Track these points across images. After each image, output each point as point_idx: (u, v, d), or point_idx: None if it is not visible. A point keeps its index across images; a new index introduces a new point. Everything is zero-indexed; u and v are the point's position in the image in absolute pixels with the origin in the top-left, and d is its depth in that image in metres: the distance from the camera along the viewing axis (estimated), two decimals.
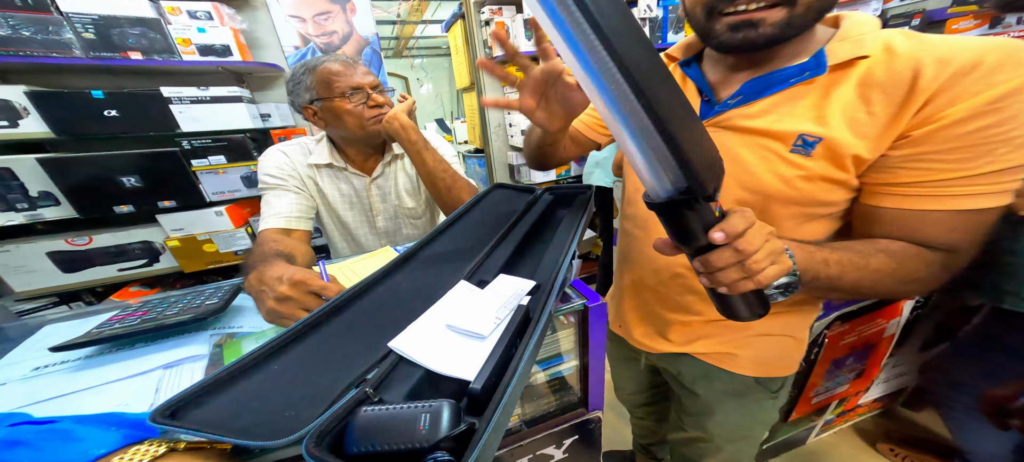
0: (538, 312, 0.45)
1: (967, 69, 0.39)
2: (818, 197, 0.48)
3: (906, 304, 0.93)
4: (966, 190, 0.41)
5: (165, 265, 1.52)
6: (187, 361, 0.48)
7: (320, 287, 0.51)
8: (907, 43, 0.43)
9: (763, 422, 0.72)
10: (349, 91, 0.82)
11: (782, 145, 0.48)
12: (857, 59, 0.44)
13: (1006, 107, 0.37)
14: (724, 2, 0.43)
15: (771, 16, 0.42)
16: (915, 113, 0.41)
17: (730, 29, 0.44)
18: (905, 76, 0.41)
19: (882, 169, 0.44)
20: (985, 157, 0.39)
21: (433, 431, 0.29)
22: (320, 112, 0.84)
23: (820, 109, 0.45)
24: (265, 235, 0.79)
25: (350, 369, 0.39)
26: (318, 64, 0.83)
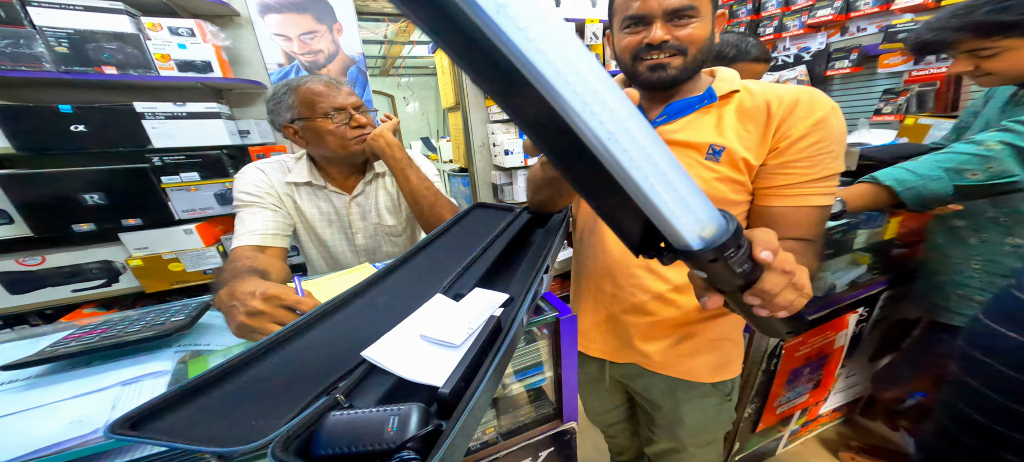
0: (509, 323, 0.47)
1: (794, 104, 0.58)
2: (727, 197, 0.63)
3: (851, 318, 1.01)
4: (815, 190, 0.58)
5: (125, 285, 1.44)
6: (148, 377, 0.46)
7: (294, 301, 0.51)
8: (756, 87, 0.63)
9: (724, 423, 0.82)
10: (332, 111, 0.83)
11: (698, 153, 0.63)
12: (733, 93, 0.64)
13: (823, 128, 0.56)
14: (643, 53, 0.60)
15: (673, 62, 0.60)
16: (774, 132, 0.59)
17: (649, 70, 0.61)
18: (763, 106, 0.60)
19: (765, 175, 0.61)
20: (819, 165, 0.57)
21: (401, 432, 0.30)
22: (301, 131, 0.85)
23: (719, 126, 0.63)
24: (238, 252, 0.78)
25: (322, 378, 0.39)
26: (300, 84, 0.84)
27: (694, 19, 0.57)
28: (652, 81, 0.61)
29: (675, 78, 0.60)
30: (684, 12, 0.56)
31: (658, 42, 0.57)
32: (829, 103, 0.59)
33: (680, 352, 0.74)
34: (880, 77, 1.76)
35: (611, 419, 0.97)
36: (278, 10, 1.76)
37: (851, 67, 1.80)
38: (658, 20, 0.57)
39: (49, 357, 0.46)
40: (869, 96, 1.81)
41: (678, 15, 0.57)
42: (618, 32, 0.62)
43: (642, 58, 0.60)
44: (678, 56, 0.59)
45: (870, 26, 1.76)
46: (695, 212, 0.29)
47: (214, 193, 1.50)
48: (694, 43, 0.58)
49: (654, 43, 0.58)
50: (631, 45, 0.60)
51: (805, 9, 1.97)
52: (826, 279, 0.98)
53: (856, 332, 1.07)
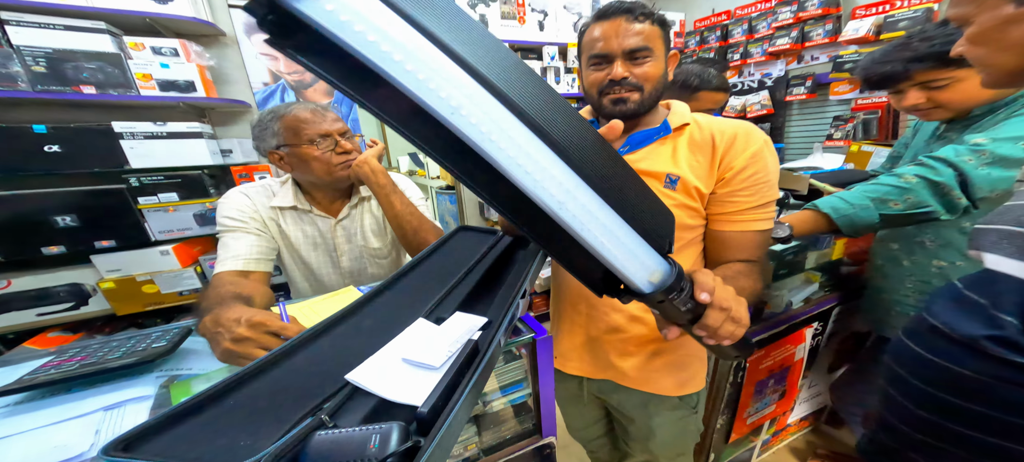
0: (486, 345, 0.50)
1: (734, 138, 0.66)
2: (684, 221, 0.69)
3: (807, 332, 1.09)
4: (757, 216, 0.67)
5: (94, 308, 1.40)
6: (130, 402, 0.47)
7: (279, 327, 0.53)
8: (703, 120, 0.71)
9: (692, 435, 0.87)
10: (317, 138, 0.85)
11: (657, 182, 0.69)
12: (684, 125, 0.71)
13: (759, 160, 0.65)
14: (607, 88, 0.68)
15: (631, 97, 0.67)
16: (719, 164, 0.66)
17: (611, 103, 0.68)
18: (709, 139, 0.68)
19: (716, 203, 0.69)
20: (758, 194, 0.65)
21: (383, 449, 0.33)
22: (286, 157, 0.86)
23: (674, 157, 0.70)
24: (222, 277, 0.78)
25: (308, 400, 0.41)
26: (286, 111, 0.86)
27: (649, 59, 0.66)
28: (614, 113, 0.68)
29: (635, 111, 0.68)
30: (640, 52, 0.65)
31: (619, 78, 0.65)
32: (762, 137, 0.67)
33: (651, 368, 0.79)
34: (831, 104, 1.92)
35: (592, 434, 1.00)
36: None
37: (806, 93, 1.96)
38: (619, 59, 0.65)
39: (29, 385, 0.46)
40: (822, 121, 1.97)
41: (635, 55, 0.65)
42: (586, 69, 0.71)
43: (606, 92, 0.68)
44: (636, 92, 0.67)
45: (822, 56, 1.93)
46: (642, 261, 0.35)
47: (193, 213, 1.48)
48: (649, 80, 0.66)
49: (616, 79, 0.66)
50: (597, 80, 0.68)
51: (766, 38, 2.14)
52: (783, 297, 1.06)
53: (813, 345, 1.15)
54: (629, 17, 0.64)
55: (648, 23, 0.65)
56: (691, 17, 2.58)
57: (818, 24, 1.87)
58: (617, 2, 0.65)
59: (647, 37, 0.64)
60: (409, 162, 4.73)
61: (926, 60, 0.80)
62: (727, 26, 2.36)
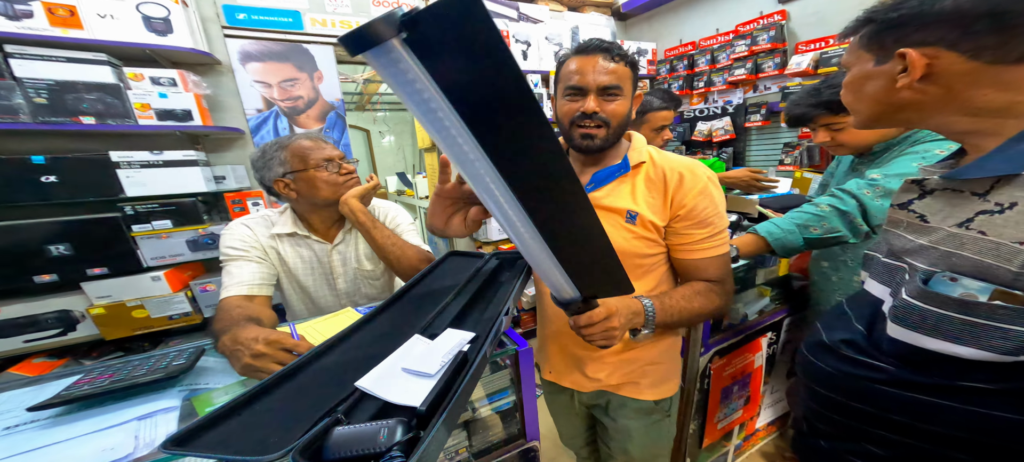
0: (474, 356, 0.59)
1: (681, 178, 0.75)
2: (644, 251, 0.78)
3: (763, 341, 1.21)
4: (713, 243, 0.76)
5: (82, 333, 1.40)
6: (161, 413, 0.53)
7: (293, 345, 0.60)
8: (657, 156, 0.79)
9: (666, 439, 0.96)
10: (323, 162, 0.95)
11: (619, 217, 0.77)
12: (641, 163, 0.78)
13: (706, 195, 0.74)
14: (579, 120, 0.74)
15: (598, 133, 0.75)
16: (671, 202, 0.75)
17: (581, 137, 0.76)
18: (661, 177, 0.76)
19: (675, 234, 0.78)
20: (710, 225, 0.75)
21: (390, 439, 0.41)
22: (293, 183, 0.94)
23: (633, 194, 0.78)
24: (229, 302, 0.84)
25: (324, 403, 0.49)
26: (289, 142, 0.95)
27: (618, 97, 0.73)
28: (582, 147, 0.76)
29: (600, 147, 0.76)
30: (612, 90, 0.72)
31: (590, 111, 0.72)
32: (705, 174, 0.76)
33: (629, 376, 0.88)
34: (783, 131, 2.12)
35: (580, 443, 1.09)
36: (259, 59, 1.84)
37: (762, 121, 2.16)
38: (592, 93, 0.72)
39: (70, 398, 0.52)
40: (776, 147, 2.17)
41: (607, 92, 0.72)
42: (561, 99, 0.77)
43: (578, 125, 0.74)
44: (603, 128, 0.74)
45: (773, 86, 2.14)
46: (559, 285, 0.50)
47: (186, 240, 1.52)
48: (616, 117, 0.74)
49: (587, 111, 0.72)
50: (570, 112, 0.74)
51: (726, 68, 2.35)
52: (739, 310, 1.18)
53: (769, 354, 1.27)
54: (606, 56, 0.71)
55: (622, 64, 0.72)
56: (662, 46, 2.80)
57: (768, 57, 2.08)
58: (597, 40, 0.73)
59: (619, 77, 0.71)
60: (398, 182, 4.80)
61: (824, 107, 0.96)
62: (693, 56, 2.58)
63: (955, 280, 0.44)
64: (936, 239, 0.47)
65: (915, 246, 0.50)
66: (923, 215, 0.50)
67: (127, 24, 1.40)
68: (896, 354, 0.51)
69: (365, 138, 5.90)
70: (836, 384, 0.58)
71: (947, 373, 0.46)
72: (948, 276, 0.45)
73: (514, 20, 2.34)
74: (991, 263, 0.42)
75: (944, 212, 0.48)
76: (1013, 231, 0.41)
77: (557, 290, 0.51)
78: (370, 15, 2.09)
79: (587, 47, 0.73)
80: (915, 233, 0.50)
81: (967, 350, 0.43)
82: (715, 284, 0.77)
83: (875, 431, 0.54)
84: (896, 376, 0.50)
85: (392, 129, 6.05)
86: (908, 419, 0.50)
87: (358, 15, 2.06)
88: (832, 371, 0.58)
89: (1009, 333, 0.41)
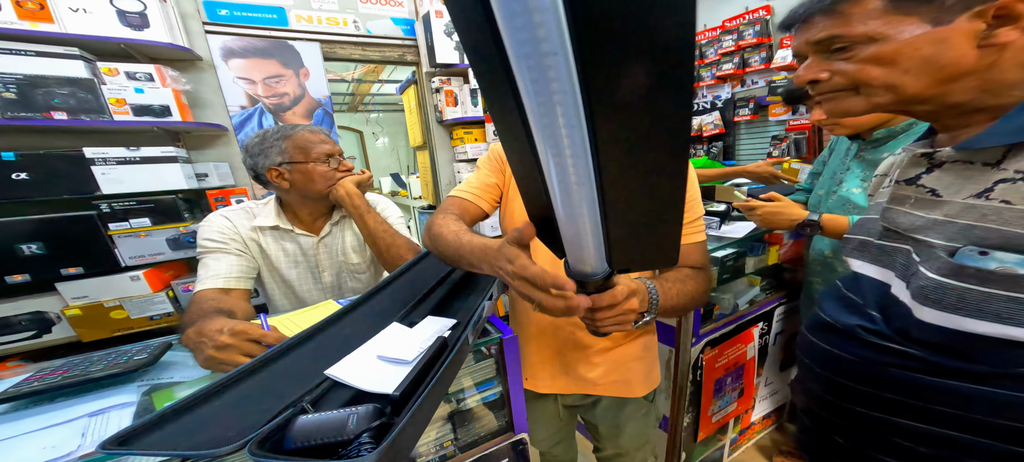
0: (454, 342, 0.56)
1: None
2: None
3: (755, 331, 1.20)
4: (694, 229, 0.76)
5: (58, 335, 1.35)
6: (114, 409, 0.50)
7: (260, 335, 0.57)
8: None
9: (653, 422, 0.97)
10: (323, 156, 0.94)
11: None
12: None
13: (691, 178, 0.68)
14: None
15: None
16: None
17: None
18: None
19: None
20: (691, 210, 0.76)
21: (359, 426, 0.38)
22: (289, 173, 0.92)
23: None
24: (203, 294, 0.81)
25: (290, 394, 0.46)
26: (294, 132, 0.94)
27: None
28: None
29: None
30: None
31: None
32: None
33: (618, 374, 0.86)
34: (771, 125, 2.13)
35: (554, 441, 1.05)
36: (242, 55, 1.80)
37: (750, 115, 2.16)
38: None
39: (15, 395, 0.48)
40: (765, 140, 2.18)
41: None
42: None
43: None
44: None
45: (760, 80, 2.15)
46: (587, 256, 0.40)
47: (166, 238, 1.47)
48: None
49: None
50: None
51: (714, 63, 2.36)
52: (730, 300, 1.17)
53: (761, 344, 1.26)
54: None
55: None
56: None
57: (755, 52, 2.09)
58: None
59: None
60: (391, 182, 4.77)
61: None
62: None
63: (986, 253, 0.41)
64: (952, 212, 0.44)
65: (926, 222, 0.47)
66: (934, 189, 0.47)
67: (100, 18, 1.36)
68: (930, 341, 0.46)
69: (358, 139, 5.85)
70: (860, 373, 0.53)
71: (1000, 359, 0.42)
72: (976, 250, 0.41)
73: None
74: (1022, 232, 0.39)
75: (957, 185, 0.45)
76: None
77: (581, 261, 0.41)
78: (358, 12, 2.06)
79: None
80: (926, 209, 0.47)
81: (1021, 331, 0.39)
82: (699, 270, 0.76)
83: (910, 424, 0.49)
84: (937, 364, 0.46)
85: (386, 130, 6.01)
86: (954, 409, 0.46)
87: (345, 12, 2.03)
88: (855, 359, 0.53)
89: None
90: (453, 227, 0.67)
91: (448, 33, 2.12)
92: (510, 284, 0.49)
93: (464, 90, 2.25)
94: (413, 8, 2.20)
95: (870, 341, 0.52)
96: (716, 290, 1.16)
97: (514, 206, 0.82)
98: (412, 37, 2.22)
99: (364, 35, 2.10)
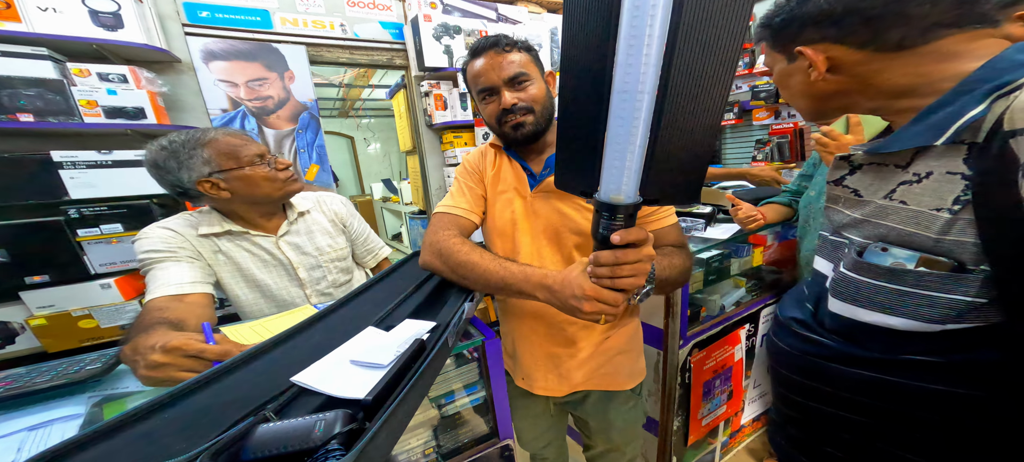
0: (433, 343, 0.53)
1: None
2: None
3: (741, 332, 1.19)
4: (663, 213, 0.76)
5: (23, 346, 1.28)
6: (58, 422, 0.46)
7: (199, 349, 0.52)
8: None
9: (641, 417, 0.97)
10: (255, 158, 0.87)
11: (581, 199, 0.75)
12: None
13: None
14: (503, 116, 0.73)
15: (527, 119, 0.74)
16: None
17: (512, 129, 0.74)
18: None
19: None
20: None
21: (326, 433, 0.35)
22: (224, 183, 0.84)
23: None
24: (151, 304, 0.74)
25: (250, 403, 0.43)
26: (212, 137, 0.84)
27: (529, 83, 0.73)
28: (517, 138, 0.75)
29: (534, 132, 0.75)
30: (519, 78, 0.72)
31: (509, 105, 0.72)
32: None
33: (607, 368, 0.85)
34: (755, 129, 2.17)
35: (544, 442, 1.03)
36: (224, 57, 1.76)
37: (734, 119, 2.20)
38: (503, 88, 0.71)
39: None
40: (748, 144, 2.21)
41: (516, 81, 0.72)
42: (479, 103, 0.77)
43: (504, 121, 0.74)
44: (528, 114, 0.73)
45: (743, 85, 2.19)
46: (623, 182, 0.42)
47: None
48: (537, 101, 0.74)
49: (507, 107, 0.72)
50: (494, 112, 0.74)
51: None
52: (717, 301, 1.17)
53: (748, 346, 1.25)
54: (497, 49, 0.71)
55: (516, 52, 0.72)
56: None
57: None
58: (483, 39, 0.73)
59: (521, 64, 0.72)
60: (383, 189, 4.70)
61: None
62: None
63: (886, 250, 0.45)
64: (868, 212, 0.48)
65: (850, 220, 0.51)
66: (856, 190, 0.51)
67: (72, 18, 1.31)
68: (838, 329, 0.51)
69: (349, 145, 5.76)
70: (790, 362, 0.57)
71: (886, 347, 0.47)
72: (879, 246, 0.46)
73: (493, 21, 2.34)
74: (913, 231, 0.43)
75: (874, 186, 0.49)
76: (929, 199, 0.42)
77: (618, 187, 0.42)
78: (344, 16, 2.04)
79: (479, 48, 0.73)
80: (851, 207, 0.51)
81: (898, 320, 0.44)
82: (678, 247, 0.76)
83: (832, 411, 0.53)
84: (840, 351, 0.51)
85: (377, 136, 5.94)
86: (853, 395, 0.50)
87: (331, 15, 2.01)
88: (788, 348, 0.58)
89: (934, 301, 0.42)
90: (481, 253, 0.70)
91: (437, 37, 2.12)
92: (577, 305, 0.55)
93: (453, 94, 2.23)
94: (402, 12, 2.19)
95: (798, 332, 0.56)
96: (702, 292, 1.16)
97: (494, 210, 0.83)
98: (400, 41, 2.20)
99: (351, 39, 2.08)
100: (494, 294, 0.79)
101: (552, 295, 0.60)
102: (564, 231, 0.77)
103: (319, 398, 0.45)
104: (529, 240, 0.79)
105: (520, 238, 0.79)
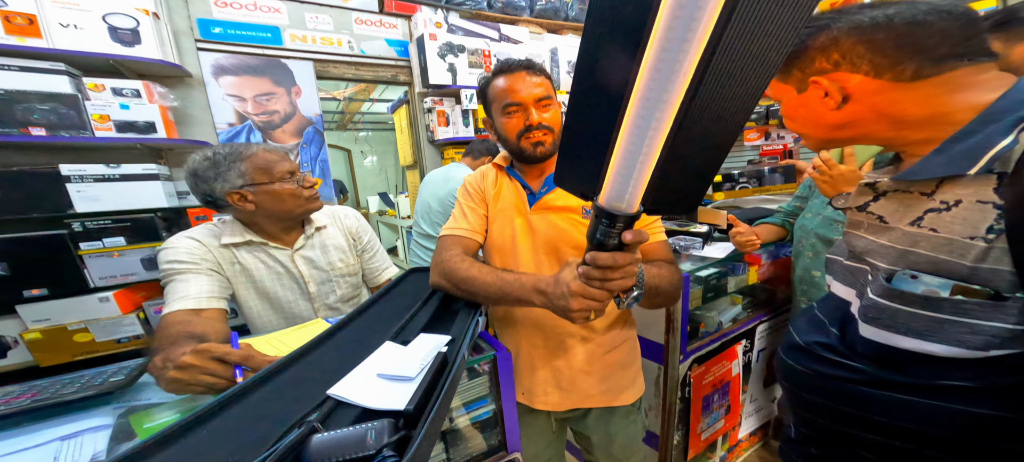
0: (454, 357, 0.56)
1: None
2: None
3: (738, 348, 1.23)
4: (660, 227, 0.82)
5: (14, 360, 1.25)
6: (88, 432, 0.47)
7: (223, 352, 0.54)
8: None
9: (640, 433, 0.98)
10: (286, 175, 0.92)
11: (576, 214, 0.80)
12: None
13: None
14: (526, 131, 0.77)
15: (546, 139, 0.78)
16: None
17: (532, 146, 0.78)
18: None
19: None
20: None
21: (379, 440, 0.38)
22: (252, 195, 0.88)
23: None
24: (172, 318, 0.75)
25: (293, 414, 0.44)
26: (251, 152, 0.90)
27: (551, 106, 0.79)
28: (535, 155, 0.79)
29: (549, 152, 0.80)
30: (544, 100, 0.77)
31: (536, 122, 0.76)
32: None
33: (608, 383, 0.87)
34: (746, 150, 2.25)
35: (545, 457, 1.04)
36: (234, 72, 1.79)
37: None
38: (532, 106, 0.76)
39: None
40: (740, 163, 2.29)
41: (541, 102, 0.77)
42: (500, 117, 0.79)
43: (525, 136, 0.78)
44: (549, 133, 0.78)
45: None
46: (625, 192, 0.41)
47: (140, 258, 1.41)
48: (556, 123, 0.79)
49: (533, 123, 0.76)
50: (516, 126, 0.78)
51: None
52: (714, 318, 1.21)
53: (745, 361, 1.29)
54: (530, 71, 0.77)
55: (543, 77, 0.78)
56: None
57: None
58: (516, 59, 0.78)
59: (546, 88, 0.78)
60: (379, 202, 4.71)
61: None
62: None
63: (916, 277, 0.45)
64: (894, 238, 0.48)
65: (876, 246, 0.51)
66: (882, 216, 0.51)
67: (91, 34, 1.34)
68: (871, 355, 0.51)
69: (346, 158, 5.78)
70: (817, 386, 0.57)
71: (924, 373, 0.46)
72: (909, 274, 0.45)
73: (495, 40, 2.42)
74: (946, 258, 0.43)
75: (899, 212, 0.48)
76: (961, 227, 0.42)
77: (620, 195, 0.41)
78: (353, 33, 2.10)
79: (510, 66, 0.77)
80: (875, 233, 0.51)
81: (939, 347, 0.43)
82: (667, 263, 0.79)
83: (862, 434, 0.53)
84: (874, 376, 0.50)
85: (374, 149, 5.97)
86: (889, 419, 0.49)
87: (339, 32, 2.07)
88: (812, 373, 0.57)
89: (976, 328, 0.41)
90: (479, 267, 0.76)
91: (441, 55, 2.18)
92: (565, 304, 0.58)
93: (456, 111, 2.29)
94: (408, 30, 2.26)
95: (823, 356, 0.56)
96: (701, 308, 1.19)
97: (494, 227, 0.87)
98: (405, 58, 2.27)
99: (358, 55, 2.14)
100: (495, 304, 0.82)
101: (546, 298, 0.63)
102: (562, 245, 0.81)
103: (356, 410, 0.47)
104: (529, 254, 0.83)
105: (520, 253, 0.83)
